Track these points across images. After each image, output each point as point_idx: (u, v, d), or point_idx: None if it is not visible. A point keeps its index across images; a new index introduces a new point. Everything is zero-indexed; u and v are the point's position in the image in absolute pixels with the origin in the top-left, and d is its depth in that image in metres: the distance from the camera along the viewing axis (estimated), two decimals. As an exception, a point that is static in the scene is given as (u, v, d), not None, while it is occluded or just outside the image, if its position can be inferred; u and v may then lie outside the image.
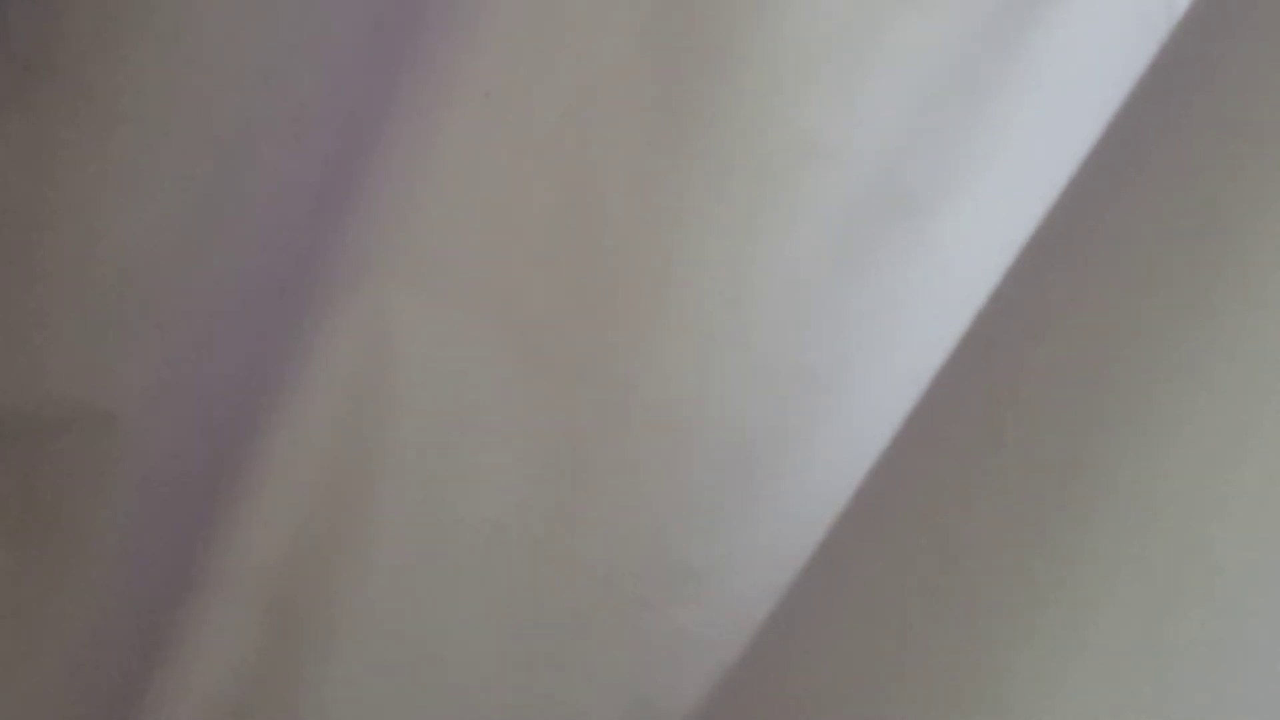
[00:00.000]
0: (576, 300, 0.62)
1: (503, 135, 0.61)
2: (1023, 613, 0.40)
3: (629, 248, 0.61)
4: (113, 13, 0.60)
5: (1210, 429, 0.39)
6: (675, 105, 0.61)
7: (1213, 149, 0.41)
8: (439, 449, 0.62)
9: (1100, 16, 0.60)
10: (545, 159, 0.62)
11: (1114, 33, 0.59)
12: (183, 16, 0.60)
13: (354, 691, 0.61)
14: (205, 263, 0.62)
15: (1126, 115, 0.45)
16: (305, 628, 0.61)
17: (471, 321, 0.62)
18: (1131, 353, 0.40)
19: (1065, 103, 0.59)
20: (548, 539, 0.62)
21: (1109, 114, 0.45)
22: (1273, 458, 0.39)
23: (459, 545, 0.62)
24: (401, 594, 0.61)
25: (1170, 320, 0.40)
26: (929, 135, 0.60)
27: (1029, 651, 0.40)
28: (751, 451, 0.61)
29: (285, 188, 0.62)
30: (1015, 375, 0.43)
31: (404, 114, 0.61)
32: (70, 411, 0.62)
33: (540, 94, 0.61)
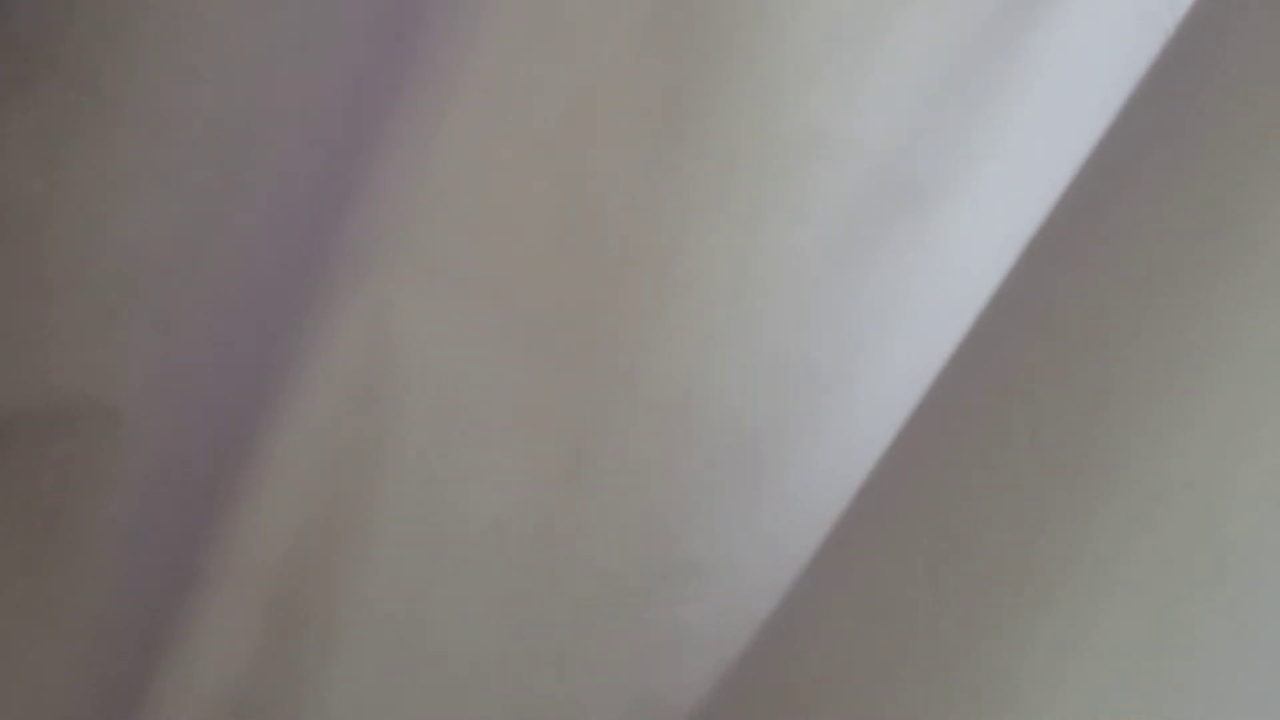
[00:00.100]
0: (579, 296, 0.62)
1: (505, 131, 0.61)
2: (1030, 605, 0.40)
3: (632, 244, 0.61)
4: (116, 5, 0.60)
5: (1216, 421, 0.39)
6: (678, 101, 0.60)
7: (1218, 142, 0.41)
8: (441, 445, 0.62)
9: (1102, 12, 0.60)
10: (548, 155, 0.62)
11: (1116, 27, 0.59)
12: (185, 10, 0.60)
13: (355, 688, 0.61)
14: (208, 258, 0.62)
15: (1132, 111, 0.45)
16: (307, 624, 0.61)
17: (474, 318, 0.62)
18: (1138, 345, 0.40)
19: (1068, 97, 0.59)
20: (550, 535, 0.62)
21: (1111, 108, 0.45)
22: (1278, 449, 0.39)
23: (461, 542, 0.62)
24: (403, 590, 0.61)
25: (1176, 313, 0.40)
26: (932, 129, 0.60)
27: (1037, 643, 0.40)
28: (755, 446, 0.61)
29: (288, 183, 0.62)
30: (1022, 368, 0.43)
31: (407, 110, 0.61)
32: (74, 407, 0.62)
33: (543, 90, 0.61)
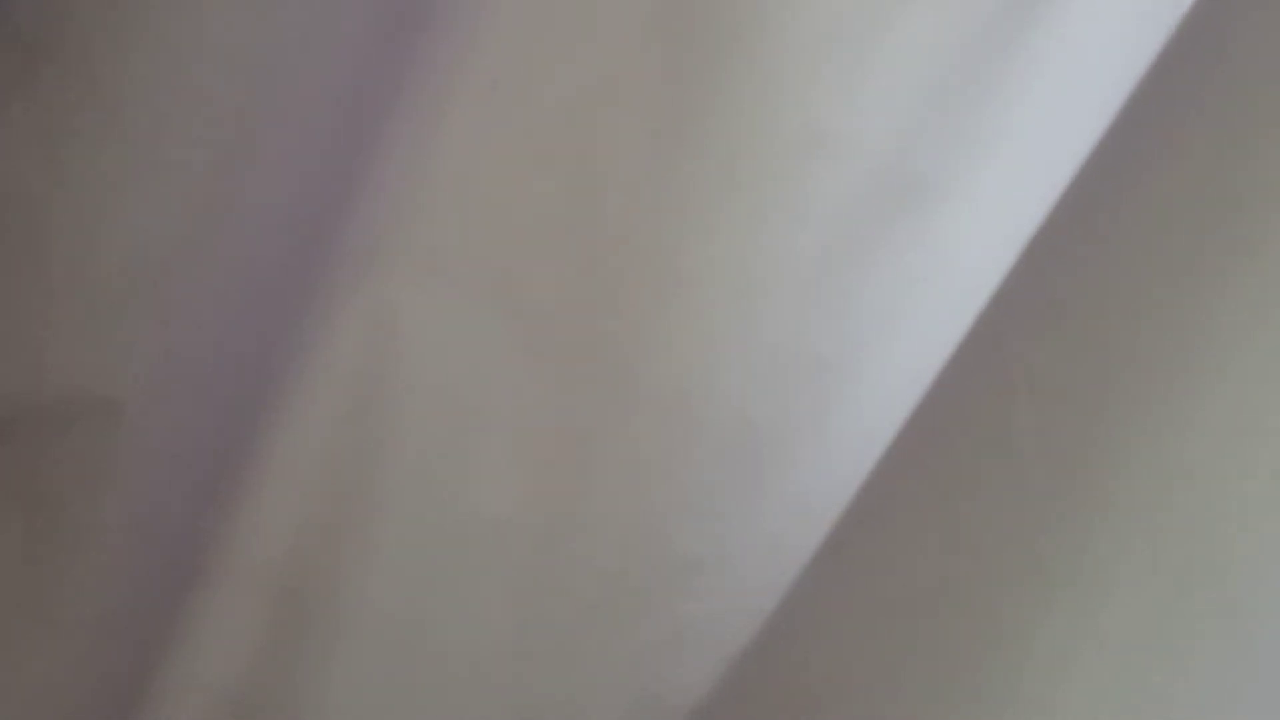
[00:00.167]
0: (582, 293, 0.62)
1: (509, 127, 0.61)
2: (1033, 602, 0.40)
3: (635, 240, 0.61)
4: (117, 2, 0.60)
5: (1222, 417, 0.39)
6: (681, 97, 0.60)
7: (1220, 139, 0.40)
8: (443, 442, 0.62)
9: (1102, 10, 0.59)
10: (551, 151, 0.61)
11: (1116, 26, 0.59)
12: (187, 7, 0.60)
13: (357, 684, 0.61)
14: (210, 255, 0.62)
15: (1134, 107, 0.45)
16: (309, 620, 0.61)
17: (476, 314, 0.62)
18: (1140, 342, 0.40)
19: (1068, 95, 0.59)
20: (552, 532, 0.62)
21: (1112, 106, 0.45)
22: None
23: (463, 538, 0.62)
24: (405, 587, 0.61)
25: (1178, 309, 0.40)
26: (933, 128, 0.60)
27: (1039, 640, 0.39)
28: (757, 442, 0.61)
29: (289, 180, 0.62)
30: (1027, 363, 0.43)
31: (410, 105, 0.61)
32: (75, 403, 0.62)
33: (546, 86, 0.61)
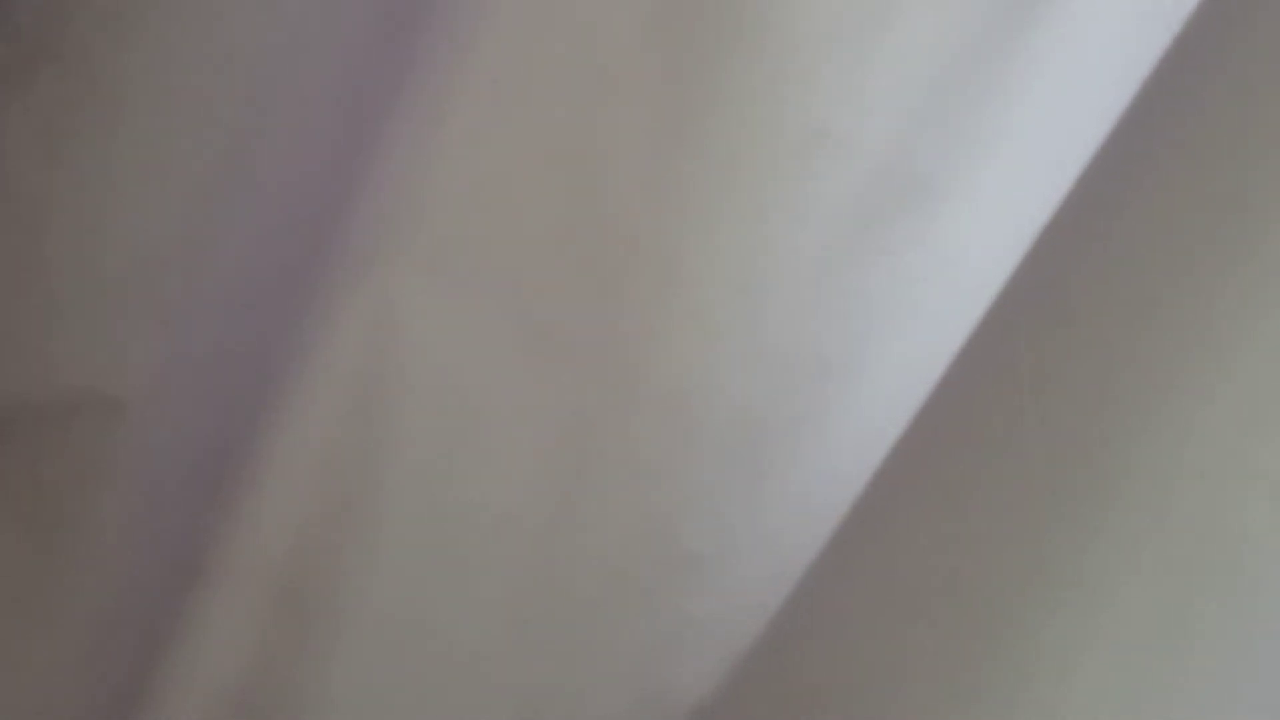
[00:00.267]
0: (583, 291, 0.62)
1: (507, 129, 0.61)
2: (1041, 599, 0.40)
3: (638, 237, 0.61)
4: (118, -1, 0.60)
5: (1228, 416, 0.39)
6: (684, 93, 0.60)
7: (1235, 131, 0.40)
8: (446, 438, 0.62)
9: (1103, 9, 0.59)
10: (553, 147, 0.61)
11: (1117, 25, 0.58)
12: (188, 4, 0.60)
13: (358, 683, 0.61)
14: (211, 252, 0.62)
15: (1142, 103, 0.44)
16: (311, 617, 0.61)
17: (479, 311, 0.62)
18: (1149, 340, 0.40)
19: (1070, 93, 0.58)
20: (555, 529, 0.62)
21: (1113, 104, 0.45)
22: None
23: (466, 535, 0.62)
24: (408, 584, 0.61)
25: (1187, 305, 0.40)
26: (935, 126, 0.60)
27: (1047, 639, 0.39)
28: (760, 440, 0.61)
29: (293, 175, 0.62)
30: (1035, 360, 0.42)
31: (412, 102, 0.61)
32: (76, 401, 0.62)
33: (548, 82, 0.61)
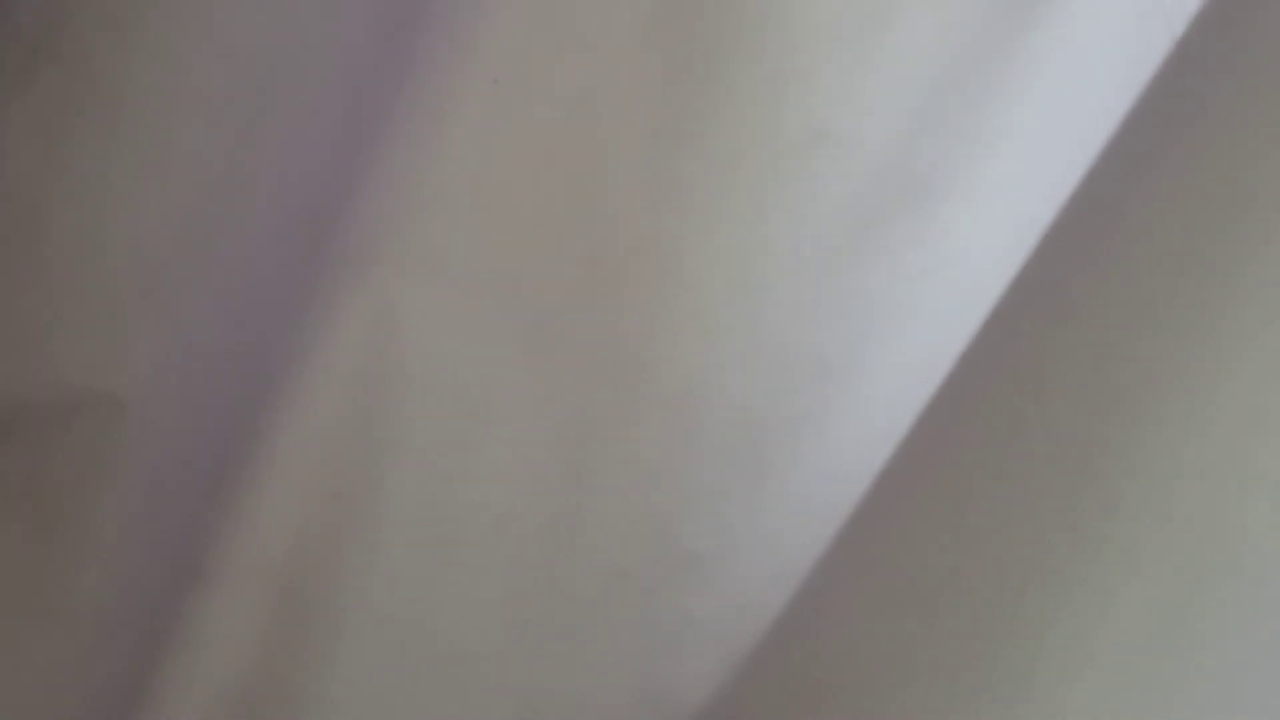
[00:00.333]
0: (584, 291, 0.62)
1: (511, 123, 0.61)
2: (1045, 598, 0.40)
3: (637, 239, 0.61)
4: (118, -1, 0.60)
5: (1233, 416, 0.39)
6: (683, 93, 0.60)
7: (1236, 132, 0.40)
8: (446, 438, 0.62)
9: (1103, 9, 0.59)
10: (553, 147, 0.61)
11: (1117, 24, 0.58)
12: (188, 3, 0.60)
13: (358, 683, 0.61)
14: (212, 252, 0.62)
15: (1146, 103, 0.44)
16: (311, 619, 0.61)
17: (479, 310, 0.62)
18: (1153, 340, 0.40)
19: (1070, 93, 0.59)
20: (555, 528, 0.62)
21: (1113, 104, 0.45)
22: None
23: (466, 534, 0.62)
24: (409, 584, 0.61)
25: (1190, 305, 0.40)
26: (935, 125, 0.60)
27: (1052, 638, 0.39)
28: (761, 439, 0.61)
29: (293, 175, 0.62)
30: (1039, 359, 0.43)
31: (412, 101, 0.61)
32: (78, 400, 0.62)
33: (548, 81, 0.61)
